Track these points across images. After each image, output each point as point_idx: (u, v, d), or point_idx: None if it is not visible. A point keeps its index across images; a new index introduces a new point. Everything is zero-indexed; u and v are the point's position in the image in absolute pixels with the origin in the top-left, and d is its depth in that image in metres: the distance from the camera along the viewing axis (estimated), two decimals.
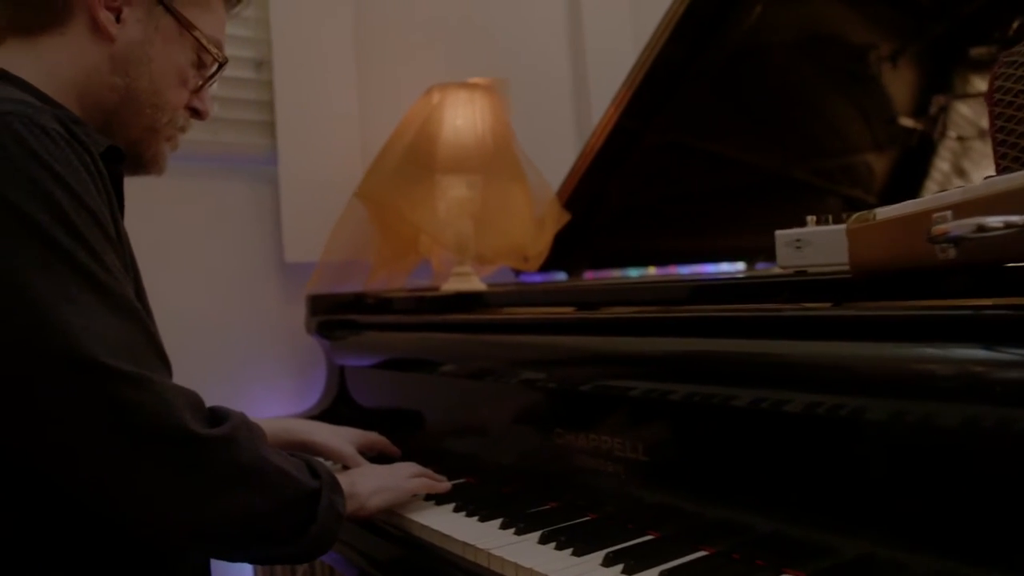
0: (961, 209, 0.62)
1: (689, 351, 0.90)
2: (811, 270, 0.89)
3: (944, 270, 0.67)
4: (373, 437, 1.28)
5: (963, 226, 0.59)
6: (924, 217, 0.66)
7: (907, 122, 2.01)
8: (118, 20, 0.91)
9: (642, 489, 0.95)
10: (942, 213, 0.63)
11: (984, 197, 0.61)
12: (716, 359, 0.88)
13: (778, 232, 0.91)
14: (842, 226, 0.83)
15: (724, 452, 0.88)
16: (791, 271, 0.91)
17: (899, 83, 1.95)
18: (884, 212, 0.75)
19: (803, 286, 0.86)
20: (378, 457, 1.27)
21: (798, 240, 0.90)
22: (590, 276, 1.89)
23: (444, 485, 1.11)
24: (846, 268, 0.81)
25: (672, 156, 1.82)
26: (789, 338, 0.81)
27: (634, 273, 1.99)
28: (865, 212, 0.78)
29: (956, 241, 0.60)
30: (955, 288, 0.69)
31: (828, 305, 0.81)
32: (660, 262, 2.01)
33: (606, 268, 1.94)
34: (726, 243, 2.03)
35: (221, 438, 0.77)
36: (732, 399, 0.85)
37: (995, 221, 0.57)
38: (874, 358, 0.73)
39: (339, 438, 1.22)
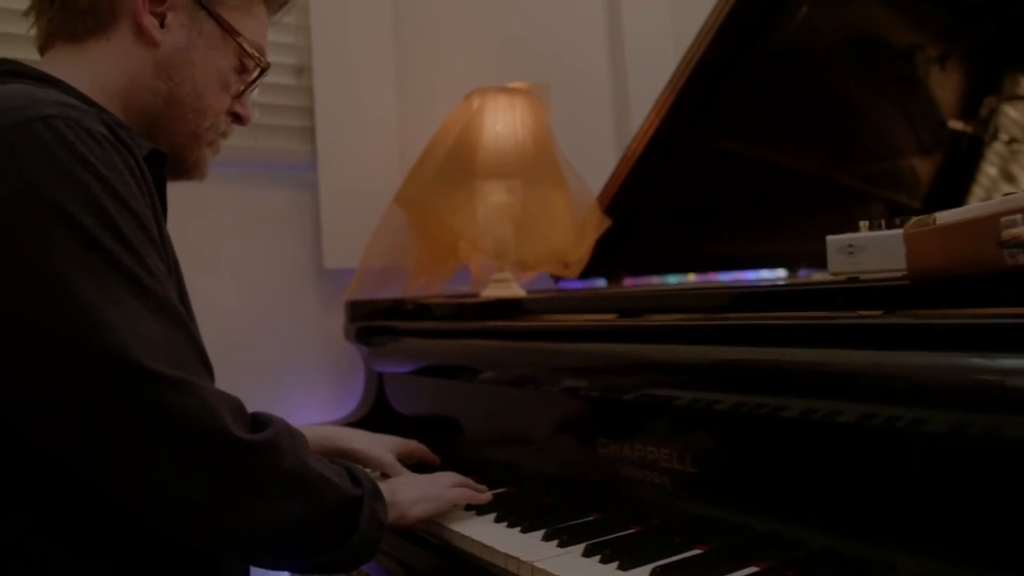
0: None
1: (739, 360, 0.88)
2: (864, 276, 0.86)
3: (1011, 276, 0.64)
4: (412, 445, 1.27)
5: None
6: (991, 221, 0.63)
7: (956, 125, 1.96)
8: (162, 25, 0.92)
9: (689, 501, 0.93)
10: (1012, 217, 0.60)
11: None
12: (767, 368, 0.85)
13: (829, 237, 0.89)
14: (897, 231, 0.81)
15: (774, 464, 0.85)
16: (843, 277, 0.88)
17: (947, 85, 1.90)
18: (945, 216, 0.72)
19: (856, 293, 0.84)
20: (417, 465, 1.25)
21: (850, 245, 0.87)
22: (629, 283, 1.87)
23: (485, 496, 1.09)
24: (900, 274, 0.79)
25: (713, 161, 1.80)
26: (846, 347, 0.78)
27: (673, 280, 1.96)
28: (924, 216, 0.75)
29: None
30: (1021, 295, 0.66)
31: (881, 313, 0.78)
32: (700, 269, 1.99)
33: (646, 275, 1.92)
34: (767, 249, 2.00)
35: (263, 443, 0.76)
36: (783, 410, 0.83)
37: None
38: (937, 367, 0.70)
39: (379, 446, 1.21)
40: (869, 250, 0.86)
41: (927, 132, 2.03)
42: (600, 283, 1.82)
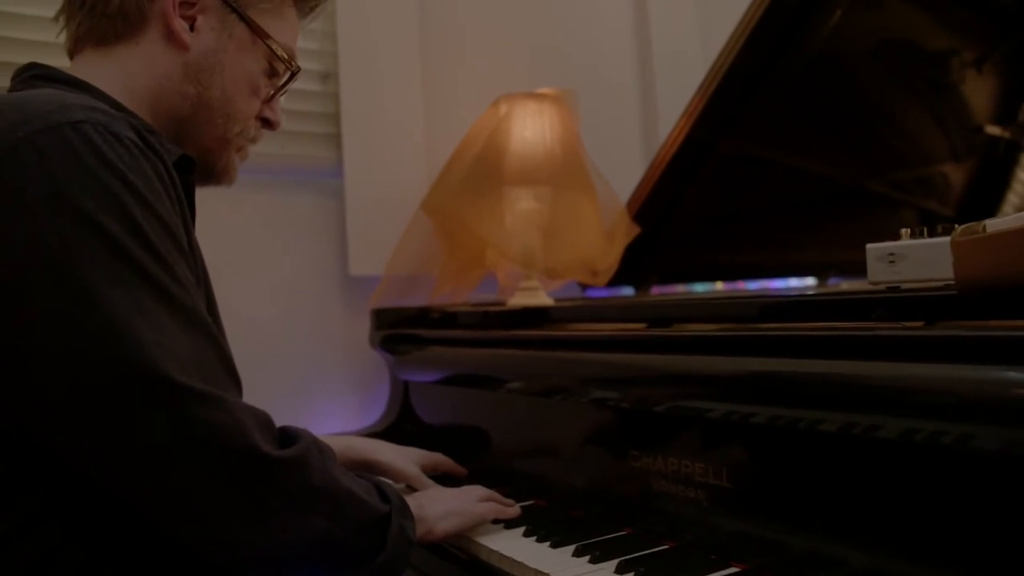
0: None
1: (776, 371, 0.85)
2: (905, 286, 0.84)
3: None
4: (438, 458, 1.25)
5: None
6: None
7: (993, 130, 1.92)
8: (192, 29, 0.91)
9: (725, 518, 0.90)
10: None
11: None
12: (805, 380, 0.83)
13: (870, 246, 0.86)
14: (941, 239, 0.79)
15: (813, 480, 0.82)
16: (882, 287, 0.85)
17: (984, 89, 1.87)
18: (995, 224, 0.70)
19: (898, 303, 0.81)
20: (442, 477, 1.24)
21: (891, 254, 0.85)
22: (657, 291, 1.84)
23: (514, 510, 1.07)
24: (943, 284, 0.76)
25: (743, 168, 1.78)
26: (888, 359, 0.75)
27: (700, 288, 1.94)
28: (973, 224, 0.73)
29: None
30: None
31: (924, 324, 0.76)
32: (728, 277, 1.96)
33: (673, 283, 1.90)
34: (796, 258, 1.97)
35: (292, 459, 0.75)
36: (821, 423, 0.80)
37: None
38: (984, 382, 0.67)
39: (404, 458, 1.19)
40: (911, 259, 0.83)
41: (961, 137, 1.99)
42: (627, 291, 1.80)
